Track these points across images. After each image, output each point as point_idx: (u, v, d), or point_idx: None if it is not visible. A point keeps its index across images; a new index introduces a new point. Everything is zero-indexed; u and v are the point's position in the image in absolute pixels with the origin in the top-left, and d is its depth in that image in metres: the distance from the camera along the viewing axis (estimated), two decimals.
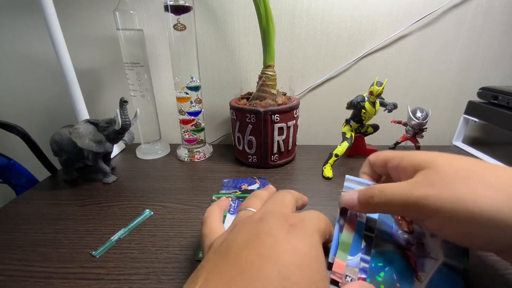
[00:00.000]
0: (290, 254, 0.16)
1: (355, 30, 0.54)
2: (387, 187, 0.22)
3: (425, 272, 0.21)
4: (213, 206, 0.26)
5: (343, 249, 0.23)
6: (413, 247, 0.23)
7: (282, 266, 0.15)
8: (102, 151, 0.42)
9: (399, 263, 0.22)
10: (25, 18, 0.56)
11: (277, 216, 0.19)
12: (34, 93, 0.63)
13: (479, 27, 0.54)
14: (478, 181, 0.18)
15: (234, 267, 0.15)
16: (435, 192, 0.19)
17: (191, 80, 0.49)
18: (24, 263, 0.28)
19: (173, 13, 0.44)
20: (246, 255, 0.16)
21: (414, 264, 0.22)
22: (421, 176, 0.21)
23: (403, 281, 0.21)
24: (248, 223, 0.19)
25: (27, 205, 0.39)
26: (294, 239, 0.17)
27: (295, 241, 0.17)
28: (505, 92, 0.49)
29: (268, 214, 0.19)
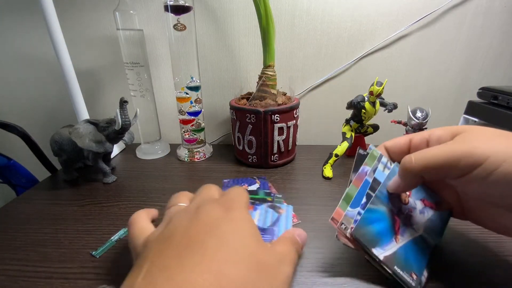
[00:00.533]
0: (228, 223, 0.18)
1: (355, 30, 0.54)
2: (427, 149, 0.22)
3: (403, 237, 0.25)
4: (139, 211, 0.25)
5: (346, 200, 0.26)
6: (402, 216, 0.26)
7: (221, 232, 0.17)
8: (102, 151, 0.42)
9: (386, 223, 0.25)
10: (25, 18, 0.56)
11: (211, 202, 0.20)
12: (34, 93, 0.63)
13: (479, 27, 0.54)
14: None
15: (180, 245, 0.16)
16: (482, 142, 0.20)
17: (191, 80, 0.49)
18: (24, 263, 0.28)
19: (173, 13, 0.44)
20: (191, 234, 0.17)
21: (397, 229, 0.25)
22: (462, 136, 0.21)
23: (383, 237, 0.24)
24: (186, 212, 0.20)
25: (27, 205, 0.39)
26: (231, 214, 0.19)
27: (232, 215, 0.19)
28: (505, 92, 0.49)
29: (203, 203, 0.21)
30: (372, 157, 0.28)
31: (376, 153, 0.28)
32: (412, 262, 0.24)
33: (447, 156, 0.20)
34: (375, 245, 0.24)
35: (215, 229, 0.17)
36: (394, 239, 0.25)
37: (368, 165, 0.28)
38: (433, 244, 0.26)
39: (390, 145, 0.28)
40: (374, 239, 0.24)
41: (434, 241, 0.26)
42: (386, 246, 0.24)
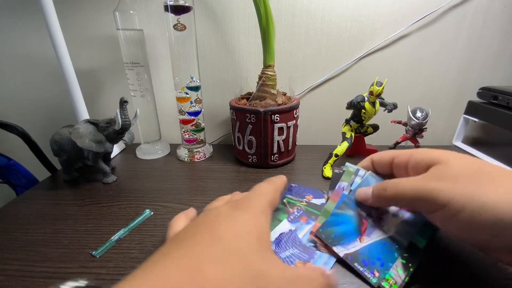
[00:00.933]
0: (230, 223, 0.18)
1: (355, 30, 0.54)
2: (400, 180, 0.23)
3: (370, 237, 0.26)
4: (179, 214, 0.27)
5: (324, 215, 0.28)
6: (371, 219, 0.27)
7: (221, 231, 0.17)
8: (102, 151, 0.42)
9: (351, 225, 0.27)
10: (25, 18, 0.56)
11: (227, 203, 0.20)
12: (34, 93, 0.63)
13: (479, 27, 0.54)
14: (489, 178, 0.20)
15: (183, 243, 0.17)
16: (446, 185, 0.20)
17: (191, 80, 0.49)
18: (24, 263, 0.28)
19: (173, 13, 0.44)
20: (196, 234, 0.17)
21: (363, 230, 0.26)
22: (434, 170, 0.22)
23: (346, 237, 0.26)
24: (202, 214, 0.21)
25: (27, 205, 0.39)
26: (235, 213, 0.19)
27: (236, 214, 0.18)
28: (505, 92, 0.49)
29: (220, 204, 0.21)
30: (348, 173, 0.30)
31: (352, 169, 0.30)
32: (376, 261, 0.24)
33: (414, 194, 0.21)
34: (336, 244, 0.26)
35: (213, 227, 0.17)
36: (358, 239, 0.26)
37: (344, 181, 0.30)
38: (405, 244, 0.25)
39: (376, 159, 0.29)
40: (337, 238, 0.26)
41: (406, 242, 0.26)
42: (348, 245, 0.26)
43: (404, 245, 0.25)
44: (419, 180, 0.22)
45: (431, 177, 0.21)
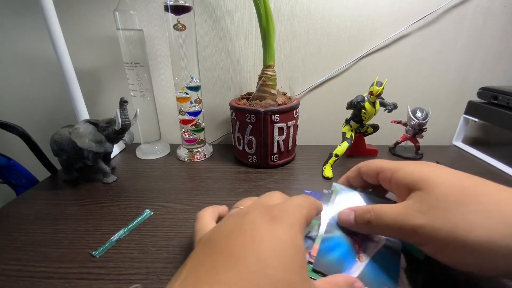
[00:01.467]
0: (269, 241, 0.16)
1: (355, 30, 0.54)
2: (382, 212, 0.22)
3: (366, 254, 0.24)
4: (207, 207, 0.27)
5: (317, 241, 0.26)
6: (360, 234, 0.26)
7: (262, 252, 0.15)
8: (102, 151, 0.42)
9: (345, 246, 0.25)
10: (25, 18, 0.56)
11: (260, 208, 0.19)
12: (34, 93, 0.63)
13: (479, 27, 0.54)
14: (473, 208, 0.18)
15: (218, 255, 0.16)
16: (428, 221, 0.19)
17: (191, 80, 0.49)
18: (24, 263, 0.28)
19: (173, 13, 0.44)
20: (230, 244, 0.16)
21: (358, 248, 0.25)
22: (414, 198, 0.21)
23: (346, 261, 0.24)
24: (234, 216, 0.20)
25: (27, 205, 0.39)
26: (274, 229, 0.17)
27: (275, 230, 0.17)
28: (505, 92, 0.49)
29: (253, 208, 0.20)
30: (336, 192, 0.29)
31: (339, 188, 0.30)
32: (383, 276, 0.23)
33: (397, 229, 0.21)
34: (340, 272, 0.23)
35: (254, 243, 0.16)
36: (357, 259, 0.24)
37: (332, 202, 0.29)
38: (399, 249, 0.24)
39: (363, 170, 0.28)
40: (336, 265, 0.23)
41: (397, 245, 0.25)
42: (351, 269, 0.23)
43: (399, 250, 0.24)
44: (402, 212, 0.21)
45: (413, 209, 0.20)
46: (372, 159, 0.30)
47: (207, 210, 0.26)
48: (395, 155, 0.53)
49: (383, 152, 0.54)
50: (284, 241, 0.16)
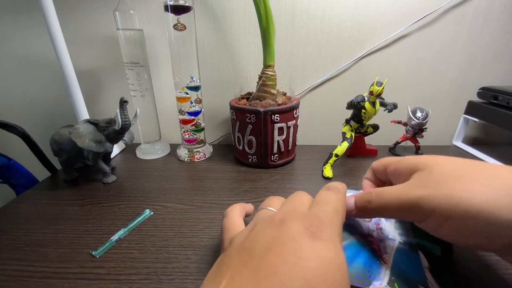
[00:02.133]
0: (315, 261, 0.15)
1: (355, 30, 0.54)
2: (383, 191, 0.22)
3: (388, 253, 0.23)
4: (235, 204, 0.28)
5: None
6: (374, 233, 0.25)
7: (307, 273, 0.15)
8: (102, 151, 0.42)
9: (366, 251, 0.24)
10: (25, 18, 0.56)
11: (297, 219, 0.18)
12: (34, 93, 0.63)
13: (479, 27, 0.54)
14: (472, 179, 0.19)
15: (259, 271, 0.15)
16: (429, 193, 0.19)
17: (191, 80, 0.49)
18: (24, 263, 0.28)
19: (173, 13, 0.44)
20: (271, 259, 0.16)
21: (378, 248, 0.24)
22: (415, 177, 0.21)
23: (372, 267, 0.22)
24: (269, 223, 0.19)
25: (27, 205, 0.39)
26: (317, 245, 0.16)
27: (318, 247, 0.16)
28: (505, 92, 0.49)
29: (289, 216, 0.19)
30: None
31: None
32: (411, 275, 0.22)
33: (399, 205, 0.20)
34: (370, 280, 0.21)
35: (299, 263, 0.15)
36: (381, 262, 0.23)
37: None
38: (415, 243, 0.24)
39: (374, 167, 0.28)
40: (364, 273, 0.22)
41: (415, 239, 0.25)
42: (380, 273, 0.22)
43: (414, 244, 0.24)
44: (402, 188, 0.21)
45: (414, 185, 0.21)
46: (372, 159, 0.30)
47: (236, 207, 0.27)
48: (395, 155, 0.53)
49: (383, 152, 0.54)
50: (329, 260, 0.16)
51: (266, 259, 0.16)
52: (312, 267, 0.15)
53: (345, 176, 0.45)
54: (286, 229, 0.17)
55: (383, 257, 0.23)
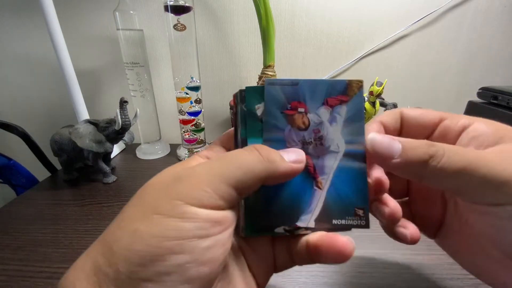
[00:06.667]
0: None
1: (355, 30, 0.54)
2: (459, 148, 0.15)
3: (325, 174, 0.17)
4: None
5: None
6: (311, 147, 0.17)
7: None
8: (102, 151, 0.42)
9: (295, 180, 0.17)
10: (25, 18, 0.56)
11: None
12: (34, 93, 0.63)
13: (479, 27, 0.54)
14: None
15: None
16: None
17: (191, 80, 0.49)
18: (24, 263, 0.28)
19: (173, 13, 0.44)
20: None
21: (313, 171, 0.17)
22: (504, 150, 0.15)
23: (302, 198, 0.17)
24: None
25: (27, 205, 0.39)
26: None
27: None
28: (505, 92, 0.49)
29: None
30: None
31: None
32: (350, 197, 0.17)
33: (484, 173, 0.14)
34: (297, 216, 0.17)
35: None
36: (315, 187, 0.17)
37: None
38: (363, 152, 0.17)
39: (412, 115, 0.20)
40: (292, 209, 0.17)
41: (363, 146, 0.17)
42: (309, 206, 0.17)
43: (362, 154, 0.17)
44: (495, 157, 0.15)
45: (507, 158, 0.15)
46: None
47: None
48: None
49: None
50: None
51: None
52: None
53: None
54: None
55: (318, 181, 0.17)
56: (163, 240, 0.11)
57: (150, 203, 0.13)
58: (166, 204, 0.12)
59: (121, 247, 0.12)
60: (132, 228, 0.12)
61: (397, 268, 0.26)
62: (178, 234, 0.12)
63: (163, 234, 0.12)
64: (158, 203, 0.13)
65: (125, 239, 0.12)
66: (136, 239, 0.12)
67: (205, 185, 0.13)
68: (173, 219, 0.12)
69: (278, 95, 0.17)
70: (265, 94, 0.17)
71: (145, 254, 0.11)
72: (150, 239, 0.12)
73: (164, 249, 0.11)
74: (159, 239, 0.12)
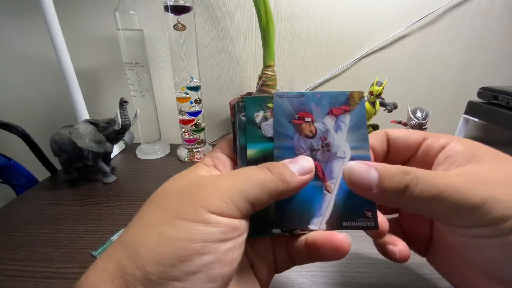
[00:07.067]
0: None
1: (355, 30, 0.54)
2: (431, 175, 0.15)
3: (334, 178, 0.18)
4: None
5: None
6: (318, 153, 0.18)
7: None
8: (102, 151, 0.42)
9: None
10: (25, 18, 0.56)
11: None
12: (34, 93, 0.63)
13: (479, 27, 0.54)
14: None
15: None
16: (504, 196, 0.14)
17: (191, 80, 0.49)
18: (24, 263, 0.28)
19: (173, 13, 0.44)
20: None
21: (322, 175, 0.18)
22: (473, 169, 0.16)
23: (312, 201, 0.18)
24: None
25: (27, 205, 0.39)
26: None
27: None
28: (505, 92, 0.49)
29: None
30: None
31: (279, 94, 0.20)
32: (359, 199, 0.17)
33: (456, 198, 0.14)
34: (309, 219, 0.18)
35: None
36: (325, 191, 0.18)
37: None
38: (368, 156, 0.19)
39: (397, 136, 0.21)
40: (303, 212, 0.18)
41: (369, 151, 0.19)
42: (320, 209, 0.18)
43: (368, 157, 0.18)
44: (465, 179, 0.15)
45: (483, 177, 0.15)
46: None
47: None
48: None
49: None
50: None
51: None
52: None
53: None
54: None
55: (327, 186, 0.18)
56: (190, 243, 0.13)
57: (173, 208, 0.14)
58: (190, 210, 0.14)
59: (148, 249, 0.13)
60: (157, 232, 0.13)
61: (397, 268, 0.26)
62: (203, 237, 0.13)
63: (189, 237, 0.13)
64: (182, 209, 0.14)
65: (151, 242, 0.13)
66: (163, 242, 0.13)
67: (226, 197, 0.14)
68: (198, 224, 0.13)
69: (286, 106, 0.19)
70: (273, 105, 0.19)
71: (173, 256, 0.12)
72: (177, 241, 0.13)
73: (191, 251, 0.12)
74: (186, 241, 0.13)
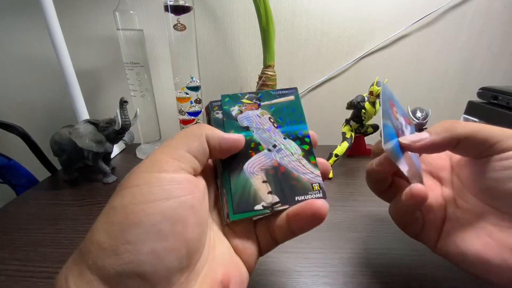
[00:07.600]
0: None
1: (355, 30, 0.54)
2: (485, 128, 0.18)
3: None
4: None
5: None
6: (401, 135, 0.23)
7: None
8: (102, 151, 0.42)
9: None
10: (25, 18, 0.56)
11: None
12: (34, 93, 0.63)
13: (479, 27, 0.54)
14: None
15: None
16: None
17: (191, 80, 0.49)
18: (24, 263, 0.28)
19: (173, 13, 0.44)
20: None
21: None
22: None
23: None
24: None
25: (27, 205, 0.39)
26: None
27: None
28: (505, 92, 0.49)
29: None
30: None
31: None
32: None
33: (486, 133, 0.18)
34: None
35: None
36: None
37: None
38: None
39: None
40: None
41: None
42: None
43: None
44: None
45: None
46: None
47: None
48: None
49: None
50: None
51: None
52: None
53: (345, 176, 0.45)
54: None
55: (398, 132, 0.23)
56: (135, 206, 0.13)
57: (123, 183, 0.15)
58: (134, 177, 0.15)
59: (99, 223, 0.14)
60: (107, 208, 0.14)
61: (397, 268, 0.26)
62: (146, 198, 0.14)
63: (133, 201, 0.14)
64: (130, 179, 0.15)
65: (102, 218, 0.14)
66: (111, 213, 0.14)
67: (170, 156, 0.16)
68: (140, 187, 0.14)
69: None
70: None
71: (121, 220, 0.13)
72: (122, 208, 0.13)
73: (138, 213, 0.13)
74: (131, 206, 0.13)
